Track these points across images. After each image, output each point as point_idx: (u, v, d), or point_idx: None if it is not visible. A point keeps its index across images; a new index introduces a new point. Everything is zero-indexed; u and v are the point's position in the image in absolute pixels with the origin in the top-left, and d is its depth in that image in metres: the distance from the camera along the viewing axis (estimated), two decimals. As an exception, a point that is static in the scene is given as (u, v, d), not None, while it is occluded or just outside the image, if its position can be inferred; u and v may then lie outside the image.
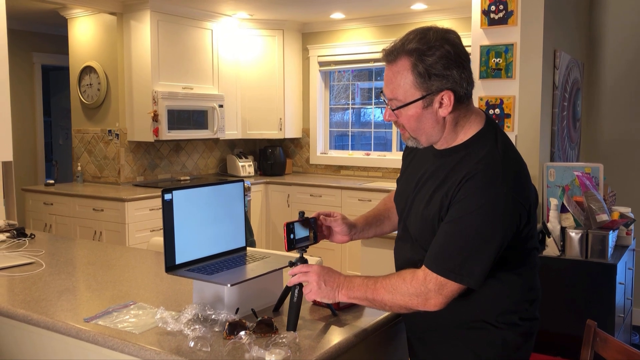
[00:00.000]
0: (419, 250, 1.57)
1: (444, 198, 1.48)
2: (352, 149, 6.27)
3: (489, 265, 1.43)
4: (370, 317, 1.69)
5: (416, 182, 1.62)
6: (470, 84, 1.50)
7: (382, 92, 1.55)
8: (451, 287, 1.43)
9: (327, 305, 1.71)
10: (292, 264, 1.64)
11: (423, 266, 1.47)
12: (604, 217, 2.94)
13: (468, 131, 1.53)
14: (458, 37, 1.49)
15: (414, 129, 1.52)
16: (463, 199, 1.43)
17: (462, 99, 1.49)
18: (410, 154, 1.74)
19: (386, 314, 1.72)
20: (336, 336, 1.55)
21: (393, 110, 1.51)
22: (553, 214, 3.05)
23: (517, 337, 1.56)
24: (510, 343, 1.56)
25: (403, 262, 1.68)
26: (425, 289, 1.44)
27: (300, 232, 1.65)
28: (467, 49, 1.52)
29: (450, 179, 1.49)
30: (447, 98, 1.46)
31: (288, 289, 1.65)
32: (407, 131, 1.54)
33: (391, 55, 1.48)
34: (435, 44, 1.43)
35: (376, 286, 1.50)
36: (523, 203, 1.46)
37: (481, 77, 3.48)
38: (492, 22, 3.42)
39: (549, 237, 3.03)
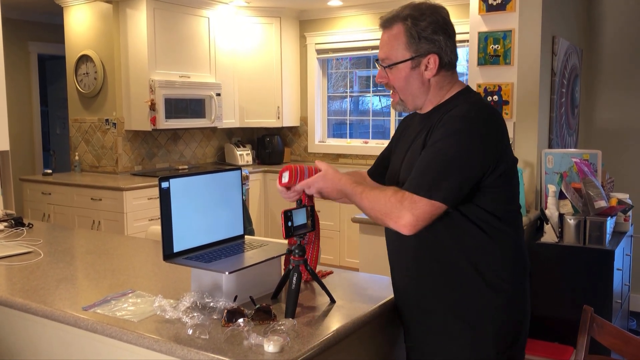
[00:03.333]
0: None
1: (426, 138, 1.60)
2: (350, 137, 6.26)
3: (457, 187, 1.50)
4: (369, 304, 1.70)
5: (404, 154, 1.70)
6: (455, 54, 1.66)
7: (377, 59, 1.70)
8: (423, 207, 1.49)
9: (326, 291, 1.71)
10: (290, 252, 1.65)
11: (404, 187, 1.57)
12: (602, 203, 2.95)
13: (452, 93, 1.67)
14: (447, 13, 1.66)
15: (402, 89, 1.67)
16: (439, 128, 1.56)
17: (447, 66, 1.64)
18: (399, 130, 1.83)
19: (384, 301, 1.73)
20: (334, 323, 1.56)
21: (384, 67, 1.66)
22: (551, 201, 3.06)
23: (503, 302, 1.59)
24: (497, 307, 1.58)
25: (392, 242, 1.72)
26: (400, 206, 1.50)
27: (298, 220, 1.65)
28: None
29: (433, 127, 1.61)
30: (433, 61, 1.62)
31: (286, 277, 1.66)
32: (397, 93, 1.69)
33: (387, 21, 1.66)
34: (427, 12, 1.62)
35: (362, 195, 1.58)
36: (496, 137, 1.55)
37: (479, 63, 3.47)
38: (490, 8, 3.40)
39: (547, 224, 3.04)
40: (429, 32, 1.60)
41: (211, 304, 1.58)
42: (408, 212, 1.49)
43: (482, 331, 1.58)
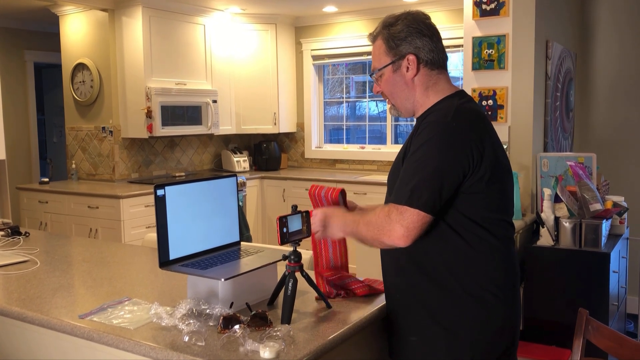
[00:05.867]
0: None
1: (407, 148, 1.63)
2: (347, 142, 6.28)
3: (437, 194, 1.51)
4: (364, 310, 1.70)
5: (397, 161, 1.71)
6: (435, 52, 1.69)
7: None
8: (409, 216, 1.51)
9: (322, 297, 1.72)
10: (285, 258, 1.65)
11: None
12: (597, 206, 2.96)
13: (441, 95, 1.69)
14: (427, 18, 1.72)
15: (390, 94, 1.74)
16: (417, 136, 1.60)
17: (429, 65, 1.68)
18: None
19: (379, 306, 1.73)
20: (330, 329, 1.56)
21: (371, 75, 1.75)
22: (547, 204, 3.07)
23: (483, 310, 1.58)
24: (475, 315, 1.58)
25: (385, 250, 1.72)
26: (389, 220, 1.53)
27: (294, 226, 1.65)
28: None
29: (413, 136, 1.65)
30: (412, 61, 1.67)
31: (282, 283, 1.66)
32: (388, 98, 1.77)
33: (373, 37, 1.76)
34: (401, 17, 1.70)
35: (359, 223, 1.62)
36: (474, 140, 1.55)
37: (474, 68, 3.49)
38: (483, 13, 3.42)
39: (543, 227, 3.05)
40: (404, 34, 1.67)
41: (207, 311, 1.58)
42: (397, 224, 1.51)
43: (459, 337, 1.58)
